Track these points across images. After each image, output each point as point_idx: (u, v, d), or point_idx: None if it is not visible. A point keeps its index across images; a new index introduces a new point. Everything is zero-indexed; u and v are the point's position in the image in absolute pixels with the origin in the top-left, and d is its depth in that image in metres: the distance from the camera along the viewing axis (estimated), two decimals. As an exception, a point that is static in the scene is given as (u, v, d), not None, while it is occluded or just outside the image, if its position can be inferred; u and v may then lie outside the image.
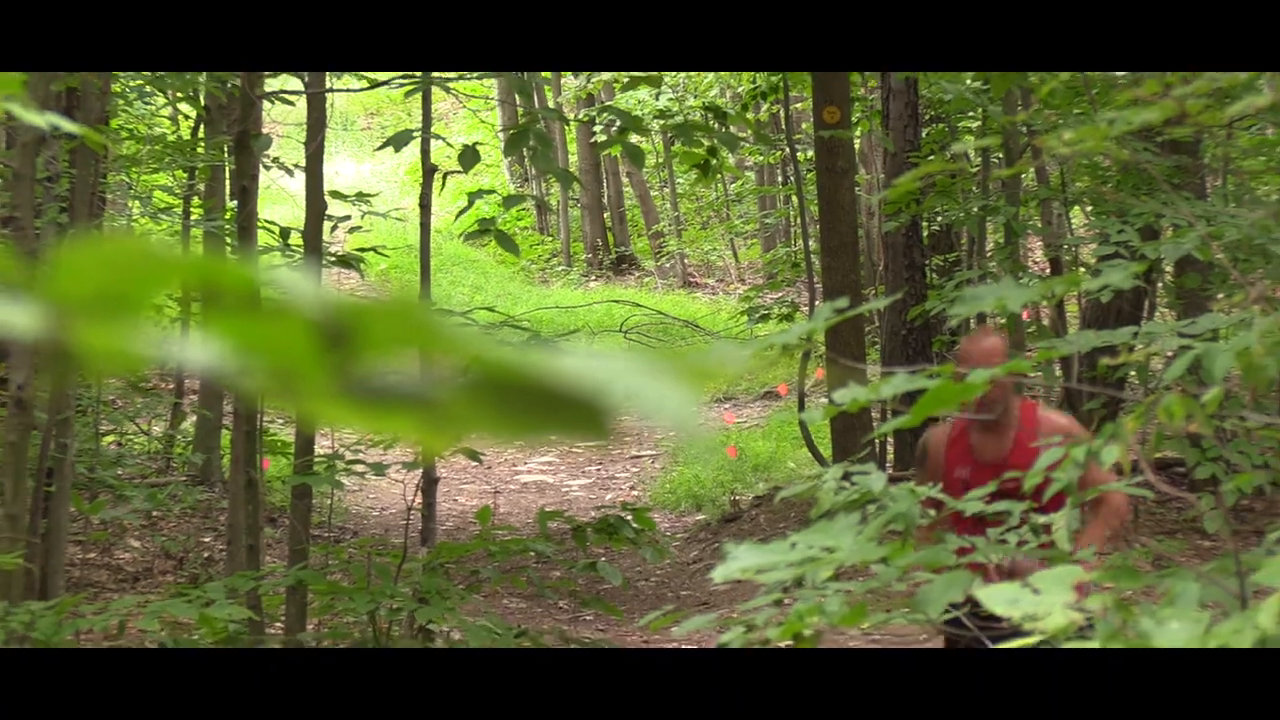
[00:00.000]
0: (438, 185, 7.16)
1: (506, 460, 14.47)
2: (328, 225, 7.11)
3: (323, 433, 7.71)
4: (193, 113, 12.40)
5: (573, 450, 14.83)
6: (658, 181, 25.13)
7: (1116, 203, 9.16)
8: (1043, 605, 2.21)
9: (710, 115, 8.23)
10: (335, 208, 7.38)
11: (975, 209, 11.04)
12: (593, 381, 0.47)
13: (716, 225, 24.58)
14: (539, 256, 25.44)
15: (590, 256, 24.63)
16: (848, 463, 3.36)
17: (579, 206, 25.08)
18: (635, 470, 14.33)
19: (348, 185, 9.99)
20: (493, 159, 24.58)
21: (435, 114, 7.55)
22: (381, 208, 8.80)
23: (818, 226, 10.56)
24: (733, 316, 18.95)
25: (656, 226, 24.58)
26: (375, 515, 12.30)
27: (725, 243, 24.11)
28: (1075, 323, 12.43)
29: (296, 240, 7.32)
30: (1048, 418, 5.05)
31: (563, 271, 24.64)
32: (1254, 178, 12.63)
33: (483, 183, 22.51)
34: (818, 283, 11.11)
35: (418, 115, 7.32)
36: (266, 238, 7.83)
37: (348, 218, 8.16)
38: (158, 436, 12.31)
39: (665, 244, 24.15)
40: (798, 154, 13.62)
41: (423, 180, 7.13)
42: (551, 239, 25.96)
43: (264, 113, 7.52)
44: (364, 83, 8.14)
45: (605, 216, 24.77)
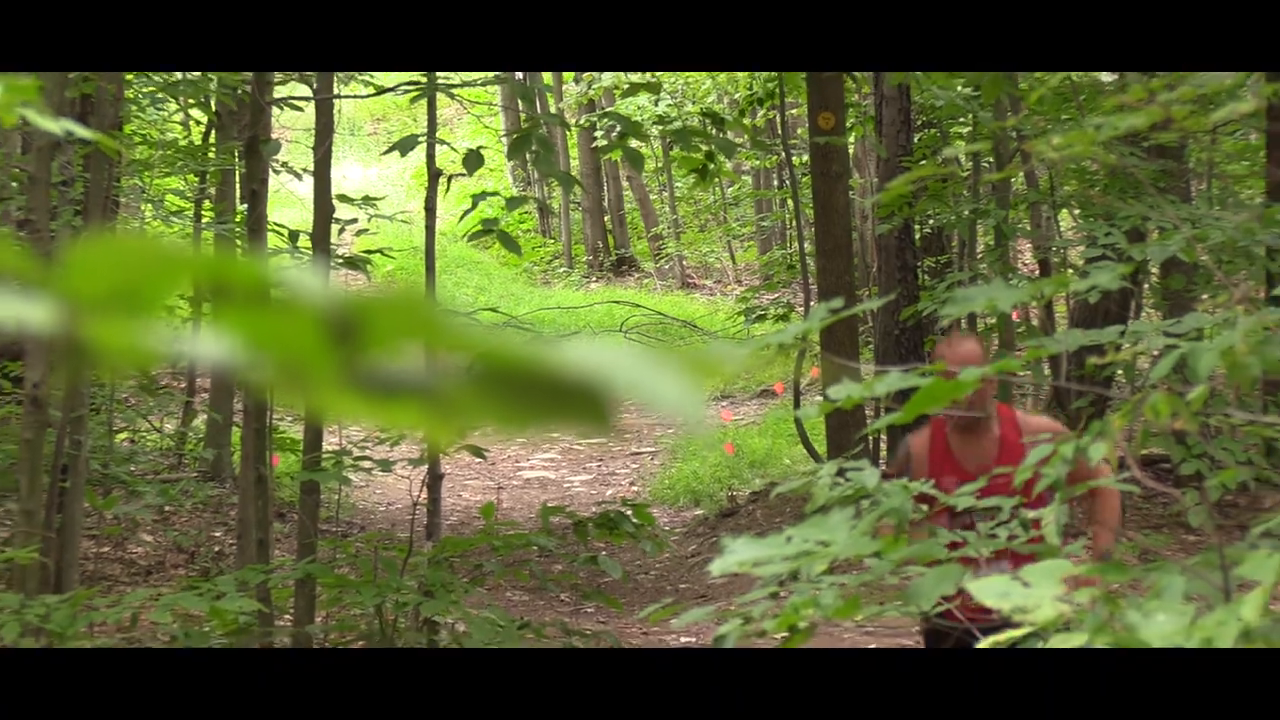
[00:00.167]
0: (442, 188, 7.16)
1: (509, 457, 14.47)
2: (335, 228, 7.11)
3: (330, 430, 7.71)
4: (204, 118, 12.40)
5: (574, 447, 14.83)
6: (657, 185, 25.12)
7: (1104, 206, 9.16)
8: (1032, 598, 2.21)
9: (708, 121, 8.23)
10: (343, 211, 7.38)
11: (966, 212, 11.04)
12: (595, 373, 0.47)
13: (714, 228, 24.58)
14: (541, 258, 25.44)
15: (591, 258, 24.62)
16: (842, 459, 3.36)
17: (580, 210, 25.07)
18: (635, 467, 14.33)
19: (355, 189, 9.97)
20: (496, 163, 24.54)
21: (440, 119, 7.56)
22: (388, 211, 8.79)
23: (813, 229, 10.56)
24: (730, 317, 18.94)
25: (656, 229, 24.58)
26: (381, 511, 12.30)
27: (723, 245, 24.11)
28: (1064, 323, 12.43)
29: (305, 242, 7.32)
30: (1029, 420, 4.87)
31: (564, 273, 24.63)
32: (1237, 182, 12.64)
33: (486, 186, 22.48)
34: (813, 284, 11.12)
35: (423, 121, 7.32)
36: (276, 240, 7.83)
37: (355, 220, 8.16)
38: (170, 434, 12.31)
39: (664, 246, 24.14)
40: (793, 159, 13.62)
41: (428, 184, 7.13)
42: (553, 241, 25.96)
43: (273, 118, 7.52)
44: (371, 89, 8.15)
45: (605, 219, 24.76)
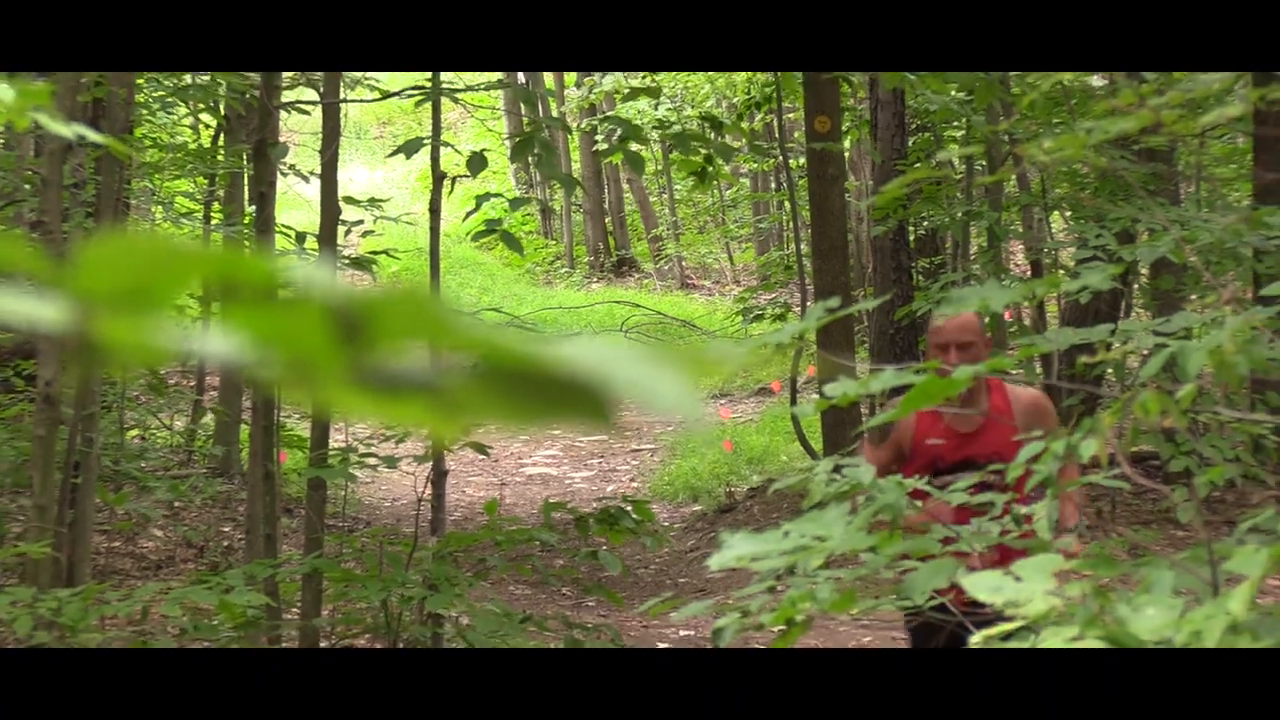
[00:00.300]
0: (447, 191, 7.15)
1: (512, 454, 14.47)
2: (342, 229, 7.11)
3: (337, 427, 7.71)
4: (213, 122, 12.40)
5: (576, 444, 14.82)
6: (656, 188, 25.11)
7: (1094, 208, 9.16)
8: (1024, 592, 2.21)
9: (707, 125, 8.23)
10: (349, 212, 7.37)
11: (959, 214, 11.04)
12: (595, 372, 0.47)
13: (713, 229, 24.58)
14: (543, 259, 25.43)
15: (592, 259, 24.61)
16: (838, 455, 3.36)
17: (581, 211, 25.06)
18: (635, 463, 14.33)
19: (361, 191, 9.99)
20: (499, 165, 24.54)
21: (444, 123, 7.55)
22: (393, 212, 8.78)
23: (809, 231, 10.55)
24: (728, 316, 18.94)
25: (655, 230, 24.57)
26: (387, 506, 12.29)
27: (721, 246, 24.11)
28: (1055, 322, 12.42)
29: (312, 243, 7.32)
30: (1017, 391, 4.98)
31: (566, 273, 24.62)
32: (1225, 184, 12.64)
33: (490, 188, 22.48)
34: (809, 284, 11.11)
35: (428, 124, 7.31)
36: (283, 241, 7.83)
37: (361, 222, 8.15)
38: (179, 431, 12.32)
39: (664, 247, 24.14)
40: (790, 162, 13.61)
41: (433, 186, 7.12)
42: (555, 243, 25.95)
43: (281, 122, 7.52)
44: (377, 94, 8.14)
45: (606, 221, 24.75)
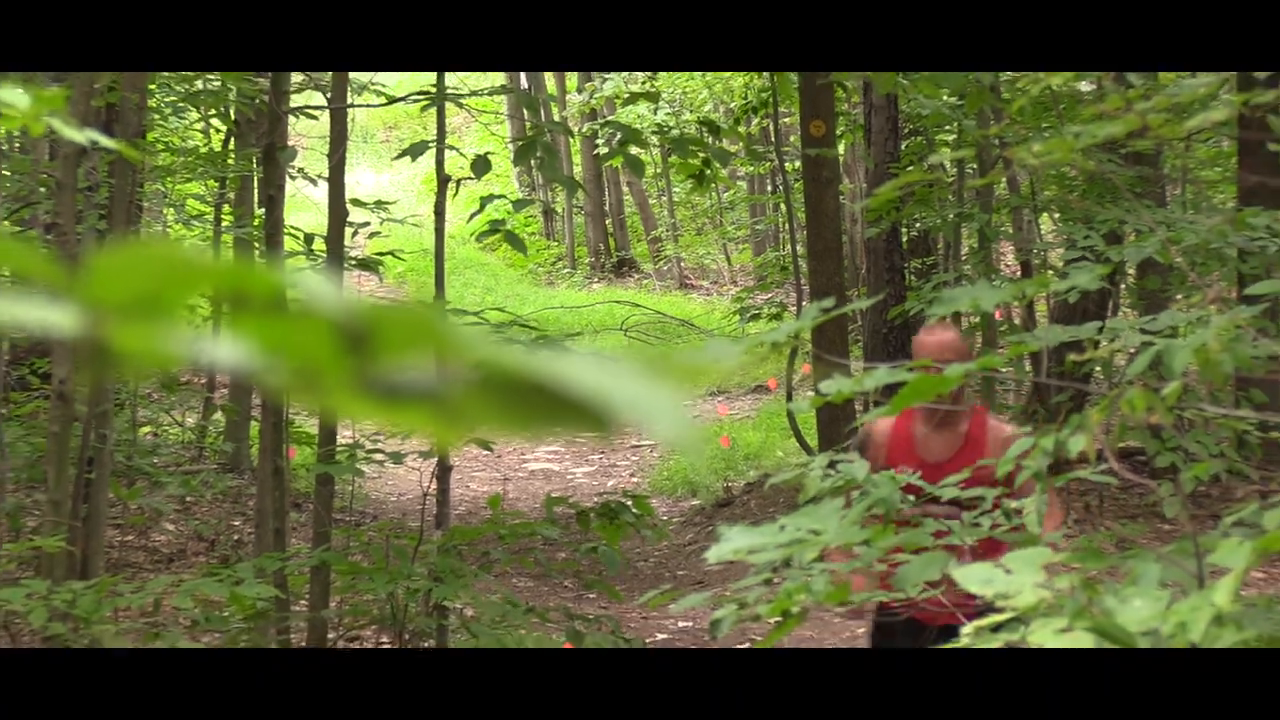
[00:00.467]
0: (451, 193, 7.15)
1: (515, 450, 14.47)
2: (349, 231, 7.11)
3: (344, 424, 7.70)
4: (223, 127, 12.39)
5: (577, 441, 14.82)
6: (656, 190, 25.11)
7: (1083, 210, 9.15)
8: (1014, 585, 2.21)
9: (705, 130, 8.23)
10: (356, 214, 7.37)
11: (951, 216, 11.04)
12: (593, 387, 0.47)
13: (710, 231, 24.57)
14: (545, 260, 25.43)
15: (593, 260, 24.61)
16: (833, 451, 3.35)
17: (582, 213, 25.06)
18: (635, 459, 14.33)
19: (368, 193, 9.98)
20: (502, 169, 24.53)
21: (449, 127, 7.55)
22: (399, 214, 8.78)
23: (805, 232, 10.54)
24: (725, 316, 18.93)
25: (655, 232, 24.57)
26: (393, 501, 12.29)
27: (719, 247, 24.11)
28: (1045, 321, 12.42)
29: (320, 245, 7.32)
30: (997, 425, 4.59)
31: (567, 274, 24.62)
32: (1210, 187, 12.63)
33: (493, 191, 22.49)
34: (804, 284, 11.11)
35: (433, 128, 7.31)
36: (292, 243, 7.83)
37: (367, 224, 8.15)
38: (191, 427, 12.31)
39: (663, 248, 24.14)
40: (786, 165, 13.60)
41: (437, 188, 7.12)
42: (557, 244, 25.95)
43: (289, 127, 7.52)
44: (383, 99, 8.14)
45: (607, 223, 24.75)
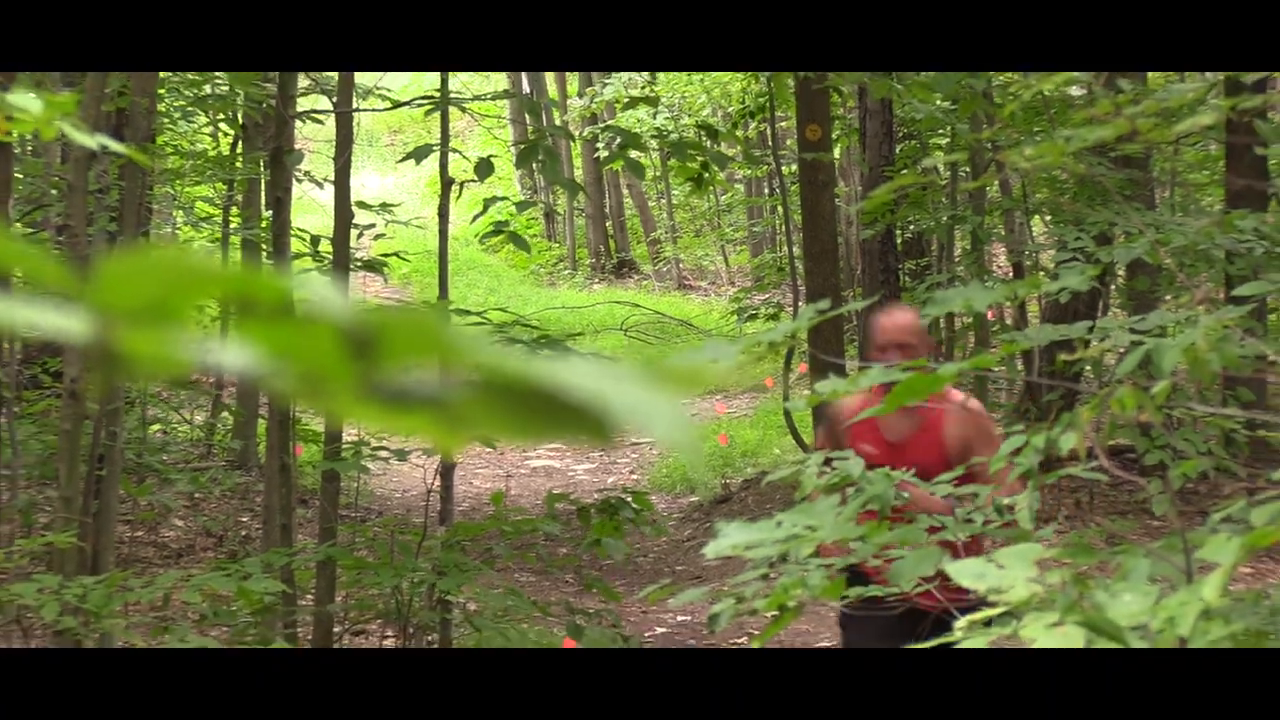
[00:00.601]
0: (455, 195, 7.15)
1: (518, 448, 14.47)
2: (354, 233, 7.11)
3: (350, 423, 7.70)
4: (231, 131, 12.39)
5: (577, 442, 14.80)
6: (655, 193, 25.11)
7: (1073, 212, 9.15)
8: (1006, 579, 2.21)
9: (703, 133, 8.22)
10: (361, 217, 7.37)
11: (944, 218, 11.04)
12: (592, 393, 0.47)
13: (709, 233, 24.57)
14: (547, 261, 25.43)
15: (594, 261, 24.61)
16: (828, 449, 3.36)
17: (583, 216, 25.06)
18: (635, 456, 14.32)
19: (373, 196, 9.97)
20: (505, 172, 24.53)
21: (452, 131, 7.55)
22: (403, 216, 8.77)
23: (801, 234, 10.54)
24: (723, 316, 18.93)
25: (654, 234, 24.57)
26: (398, 497, 12.29)
27: (717, 249, 24.11)
28: (1036, 322, 12.42)
29: (326, 247, 7.32)
30: (951, 394, 4.52)
31: (568, 275, 24.62)
32: (1198, 189, 12.64)
33: (496, 193, 22.49)
34: (801, 285, 11.11)
35: (437, 132, 7.31)
36: (298, 244, 7.82)
37: (373, 225, 8.15)
38: (199, 425, 12.31)
39: (662, 250, 24.14)
40: (783, 168, 13.60)
41: (441, 191, 7.12)
42: (558, 245, 25.95)
43: (296, 131, 7.51)
44: (388, 103, 8.14)
45: (607, 225, 24.75)
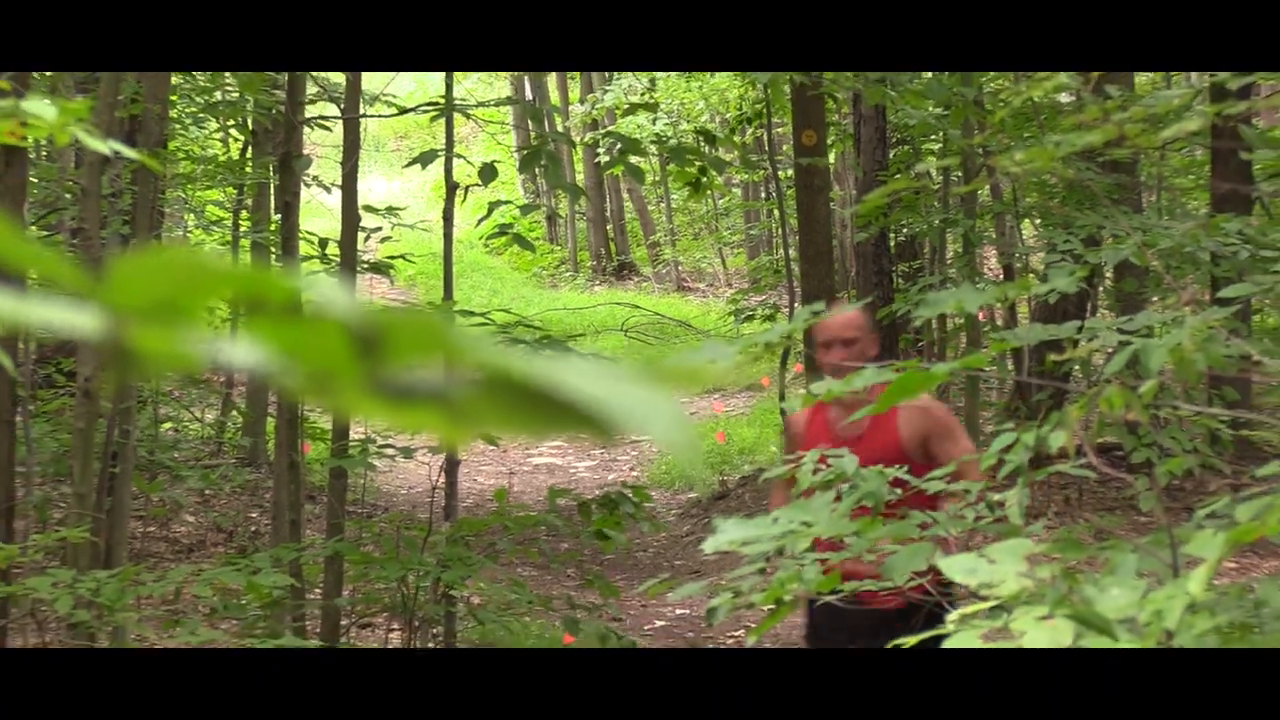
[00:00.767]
0: (459, 199, 7.15)
1: (520, 445, 14.46)
2: (361, 236, 7.11)
3: (357, 421, 7.71)
4: (241, 136, 12.39)
5: (579, 438, 14.81)
6: (655, 197, 25.10)
7: (1062, 216, 9.15)
8: (997, 573, 2.20)
9: (701, 139, 8.22)
10: (368, 220, 7.37)
11: (936, 222, 11.04)
12: (592, 393, 0.47)
13: (707, 236, 24.57)
14: (549, 263, 25.43)
15: (594, 263, 24.62)
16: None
17: (584, 219, 25.06)
18: (635, 453, 14.32)
19: (379, 200, 9.97)
20: (508, 176, 24.53)
21: (457, 136, 7.55)
22: (409, 220, 8.77)
23: (797, 237, 10.54)
24: (721, 317, 18.93)
25: (653, 237, 24.57)
26: (404, 494, 12.29)
27: (714, 251, 24.11)
28: (1026, 322, 12.41)
29: (333, 249, 7.32)
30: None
31: (570, 277, 24.62)
32: (1184, 194, 12.63)
33: (499, 197, 22.47)
34: (797, 287, 11.10)
35: (442, 138, 7.31)
36: (307, 247, 7.82)
37: (379, 229, 8.15)
38: (210, 423, 12.31)
39: (661, 252, 24.14)
40: (779, 173, 13.60)
41: (446, 195, 7.12)
42: (560, 248, 25.95)
43: (304, 136, 7.51)
44: (394, 109, 8.13)
45: (608, 228, 24.75)
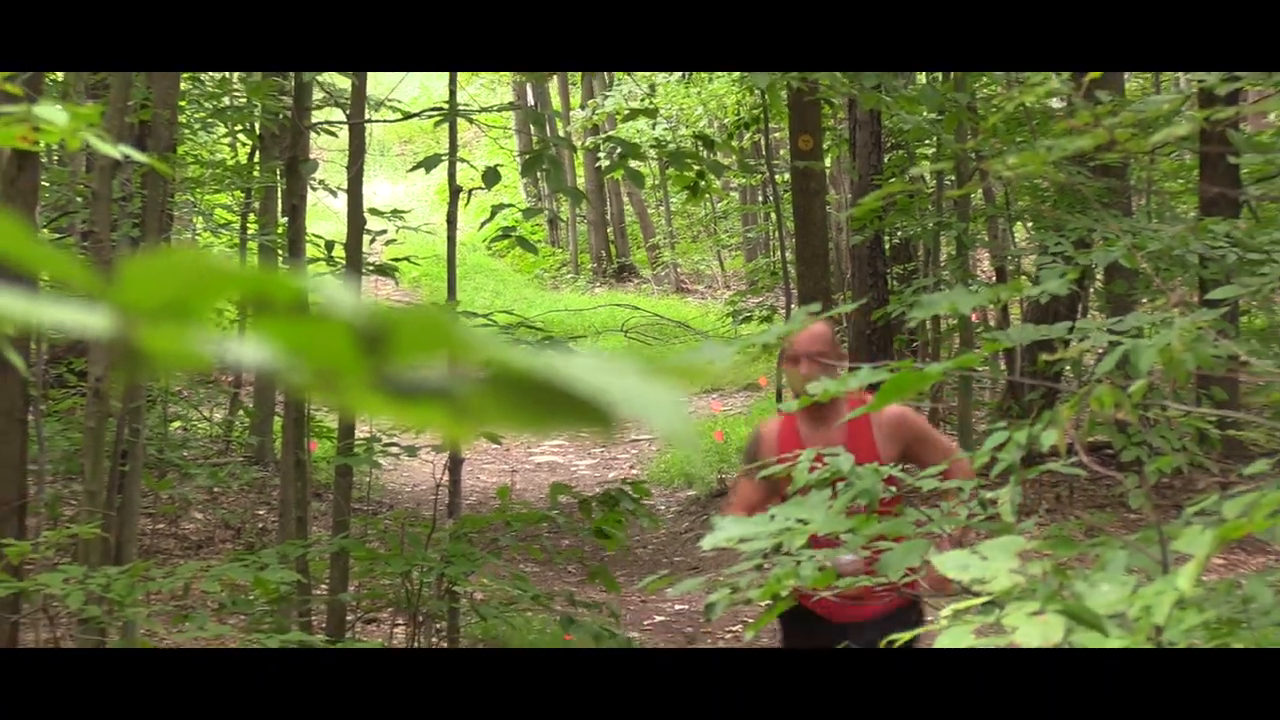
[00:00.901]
0: (463, 203, 7.15)
1: (522, 443, 14.46)
2: (367, 239, 7.10)
3: (362, 420, 7.71)
4: (249, 141, 12.39)
5: (580, 436, 14.81)
6: (654, 200, 25.11)
7: (1054, 219, 9.15)
8: (990, 570, 2.20)
9: (700, 144, 8.23)
10: (373, 223, 7.37)
11: (930, 225, 11.04)
12: (595, 386, 0.47)
13: (705, 239, 24.57)
14: (550, 266, 25.44)
15: (595, 266, 24.62)
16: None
17: (585, 222, 25.06)
18: (634, 452, 14.32)
19: (384, 203, 9.98)
20: (511, 180, 24.52)
21: (460, 141, 7.55)
22: (414, 223, 8.77)
23: (794, 240, 10.54)
24: (719, 318, 18.94)
25: (653, 239, 24.58)
26: (408, 491, 12.29)
27: (713, 254, 24.11)
28: (1018, 323, 12.41)
29: (339, 252, 7.32)
30: (864, 398, 4.22)
31: (571, 279, 24.63)
32: (1173, 197, 12.63)
33: (502, 200, 22.46)
34: (793, 289, 11.11)
35: (446, 143, 7.31)
36: (313, 250, 7.82)
37: (384, 232, 8.15)
38: (218, 422, 12.31)
39: (660, 255, 24.14)
40: (776, 177, 13.60)
41: (450, 199, 7.12)
42: (561, 250, 25.96)
43: (311, 141, 7.51)
44: (399, 115, 8.13)
45: (608, 231, 24.76)
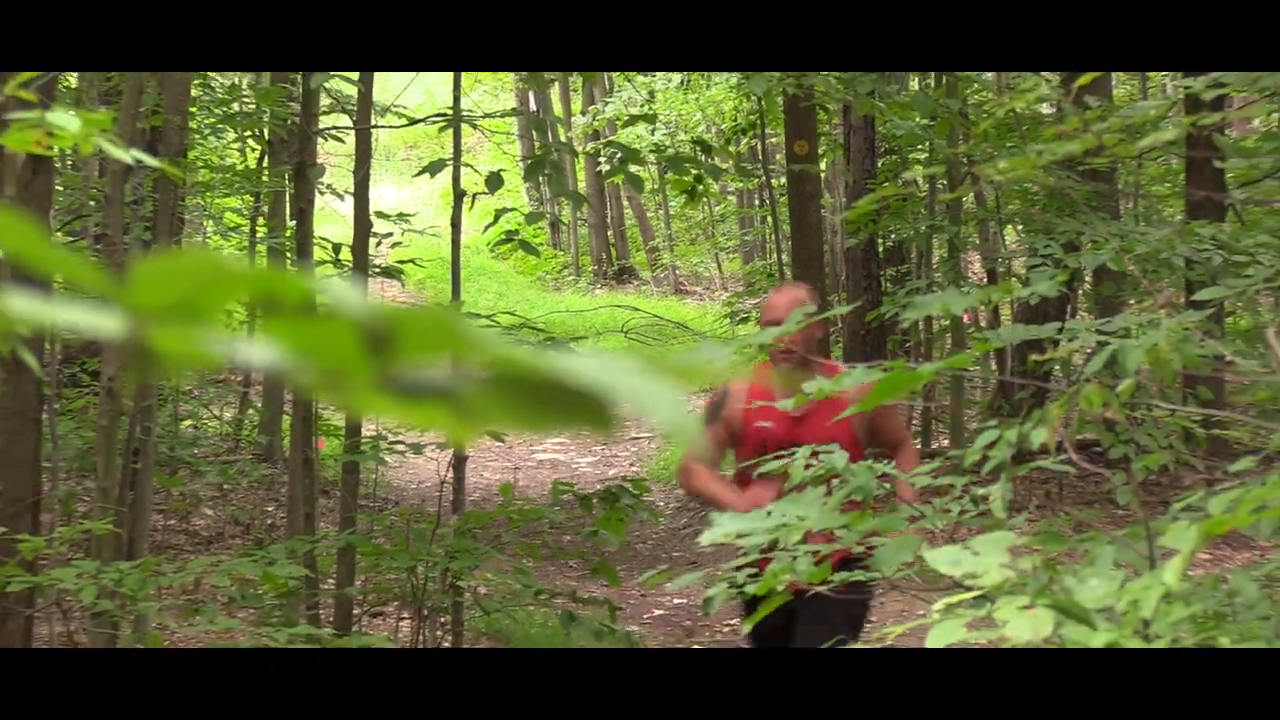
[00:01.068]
0: (467, 206, 7.15)
1: (525, 441, 14.45)
2: (373, 241, 7.10)
3: (368, 418, 7.70)
4: (258, 146, 12.39)
5: (582, 434, 14.79)
6: (653, 204, 25.10)
7: (1043, 222, 9.15)
8: (981, 565, 2.20)
9: (698, 148, 8.23)
10: (379, 226, 7.36)
11: (923, 228, 11.04)
12: (596, 383, 0.47)
13: (703, 241, 24.57)
14: (552, 268, 25.43)
15: (596, 268, 24.62)
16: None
17: (586, 225, 25.05)
18: (635, 450, 14.31)
19: (390, 207, 9.98)
20: (513, 184, 24.50)
21: (464, 146, 7.55)
22: (419, 226, 8.78)
23: (789, 243, 10.54)
24: (717, 319, 18.92)
25: (652, 242, 24.58)
26: (413, 488, 12.28)
27: (711, 256, 24.11)
28: (1009, 324, 12.40)
29: (346, 254, 7.32)
30: (837, 368, 4.28)
31: (572, 280, 24.62)
32: (1160, 201, 12.63)
33: (505, 204, 22.43)
34: (789, 290, 11.10)
35: (450, 148, 7.30)
36: (321, 252, 7.82)
37: (390, 235, 8.14)
38: (228, 421, 12.31)
39: (660, 257, 24.14)
40: (772, 181, 13.59)
41: (454, 202, 7.11)
42: (563, 253, 25.94)
43: (318, 146, 7.51)
44: (404, 120, 8.13)
45: (609, 234, 24.76)
